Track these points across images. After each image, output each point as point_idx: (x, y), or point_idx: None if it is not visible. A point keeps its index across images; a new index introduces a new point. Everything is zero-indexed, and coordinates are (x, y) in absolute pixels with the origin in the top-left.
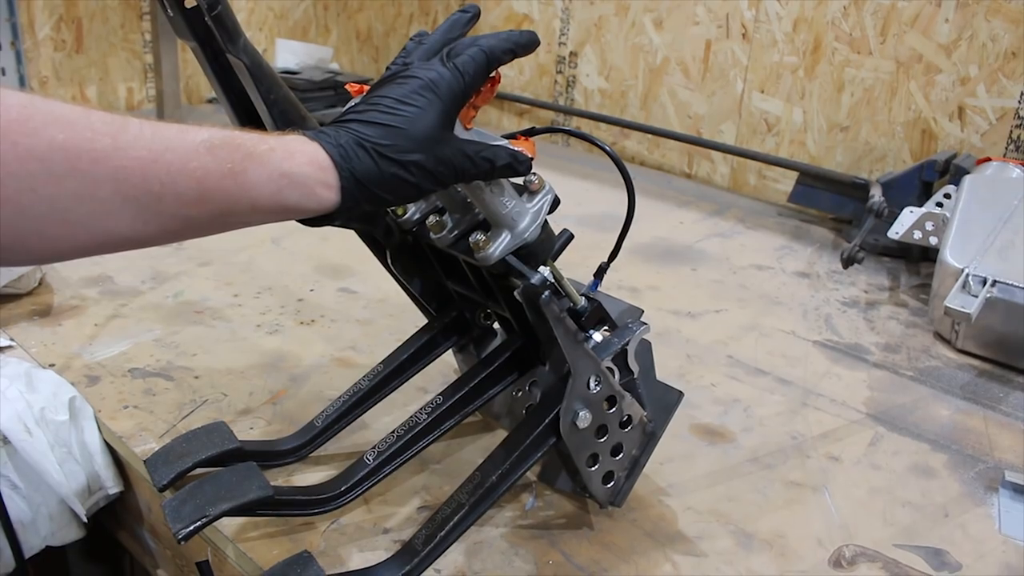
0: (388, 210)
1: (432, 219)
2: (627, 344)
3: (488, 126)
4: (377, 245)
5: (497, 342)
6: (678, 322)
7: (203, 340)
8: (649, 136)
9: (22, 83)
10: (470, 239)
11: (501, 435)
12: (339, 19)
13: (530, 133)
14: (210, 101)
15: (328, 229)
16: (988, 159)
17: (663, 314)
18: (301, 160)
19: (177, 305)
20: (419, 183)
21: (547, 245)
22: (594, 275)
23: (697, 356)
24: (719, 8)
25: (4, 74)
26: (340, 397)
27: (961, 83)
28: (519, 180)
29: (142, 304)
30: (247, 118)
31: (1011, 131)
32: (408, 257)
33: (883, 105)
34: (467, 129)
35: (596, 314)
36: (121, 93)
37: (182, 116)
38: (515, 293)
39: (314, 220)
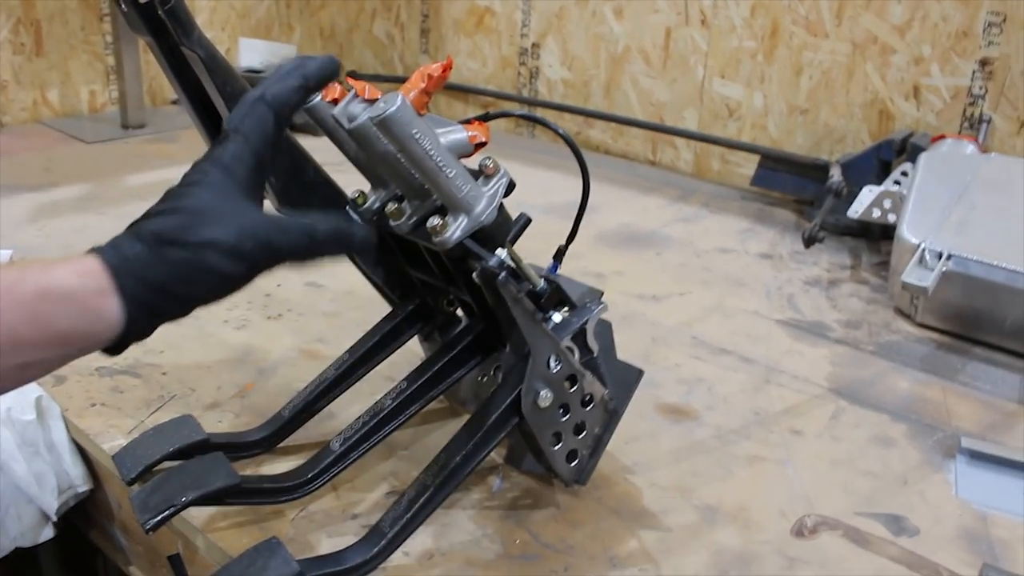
0: (349, 198)
1: (391, 206)
2: (586, 323)
3: (454, 119)
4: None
5: (460, 328)
6: (643, 305)
7: (170, 337)
8: (613, 124)
9: None
10: (428, 224)
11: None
12: (302, 17)
13: (485, 118)
14: (174, 102)
15: None
16: (943, 136)
17: (628, 298)
18: (62, 272)
19: None
20: (219, 267)
21: (504, 228)
22: (553, 258)
23: (662, 338)
24: None
25: None
26: (306, 387)
27: (915, 63)
28: (474, 165)
29: None
30: (205, 113)
31: (964, 109)
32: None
33: (841, 87)
34: (421, 115)
35: (555, 295)
36: (83, 96)
37: (145, 118)
38: (473, 275)
39: (118, 344)
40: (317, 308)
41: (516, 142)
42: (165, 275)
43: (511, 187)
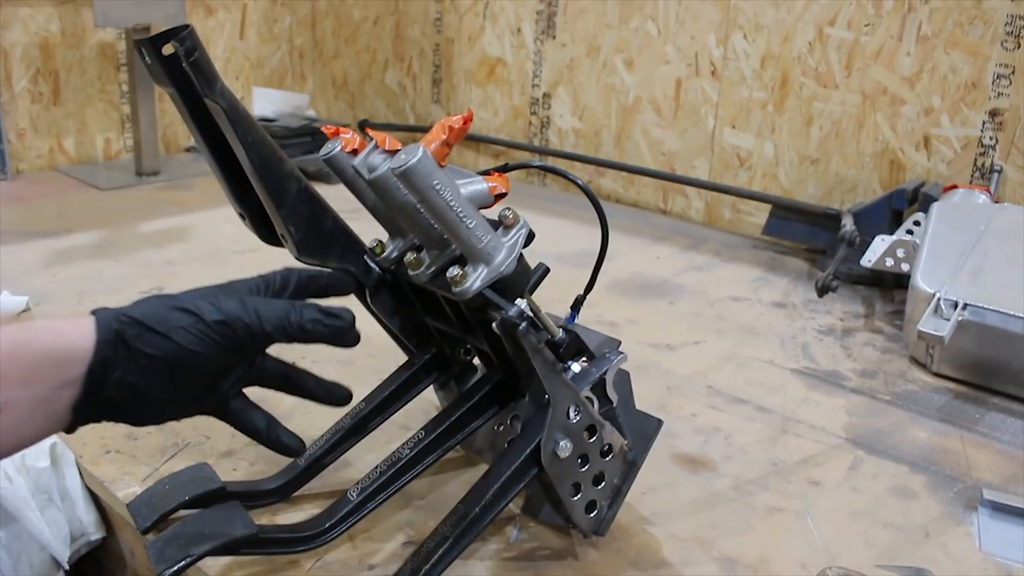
0: (367, 248)
1: (410, 256)
2: (605, 373)
3: (465, 168)
4: (356, 284)
5: (478, 377)
6: (657, 354)
7: None
8: (624, 174)
9: None
10: (447, 274)
11: (484, 470)
12: (315, 67)
13: (504, 169)
14: (188, 150)
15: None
16: (954, 186)
17: (642, 347)
18: (51, 320)
19: None
20: (196, 311)
21: (523, 278)
22: (571, 308)
23: (677, 387)
24: (688, 47)
25: None
26: (322, 436)
27: (925, 114)
28: (494, 215)
29: None
30: (225, 163)
31: (975, 159)
32: (387, 295)
33: (851, 137)
34: (441, 166)
35: (574, 345)
36: (99, 144)
37: (160, 165)
38: (493, 326)
39: (92, 378)
40: (332, 355)
41: (528, 190)
42: (143, 311)
43: (531, 237)
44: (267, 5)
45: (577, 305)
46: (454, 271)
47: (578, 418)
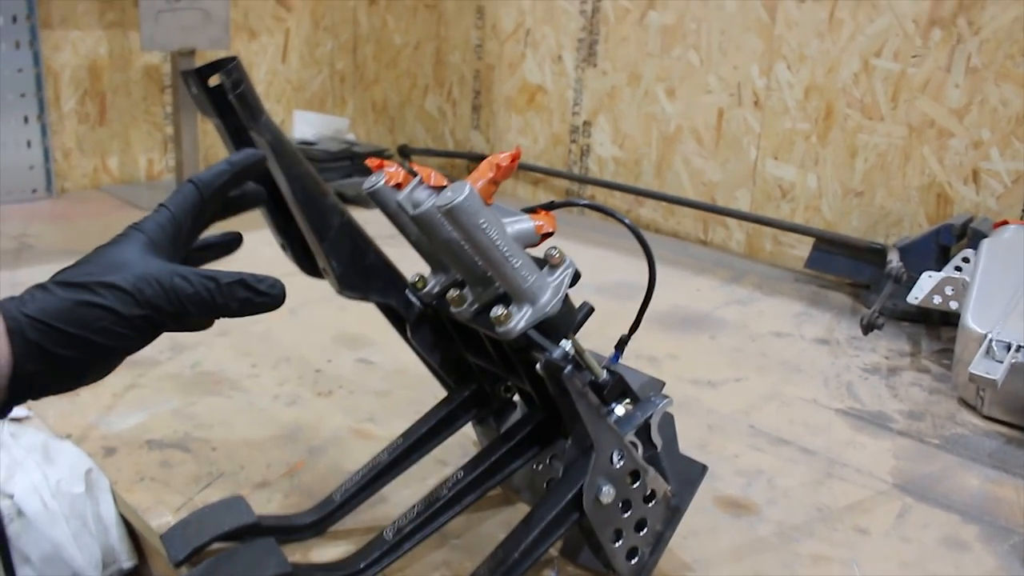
0: (408, 282)
1: (452, 292)
2: (650, 418)
3: (503, 195)
4: (396, 317)
5: (517, 415)
6: (698, 391)
7: (221, 411)
8: (664, 203)
9: (46, 155)
10: (491, 313)
11: (522, 509)
12: (355, 91)
13: (550, 207)
14: None
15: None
16: (1005, 222)
17: (683, 383)
18: None
19: (195, 375)
20: (115, 306)
21: (568, 318)
22: (615, 347)
23: (718, 426)
24: (730, 76)
25: (29, 146)
26: (359, 471)
27: (974, 147)
28: (539, 254)
29: (160, 374)
30: (268, 194)
31: None
32: (428, 329)
33: (897, 170)
34: (487, 204)
35: (618, 387)
36: (142, 164)
37: None
38: (537, 367)
39: (13, 390)
40: (368, 386)
41: (566, 219)
42: (55, 309)
43: (576, 277)
44: (309, 30)
45: (621, 345)
46: (498, 311)
47: (621, 463)
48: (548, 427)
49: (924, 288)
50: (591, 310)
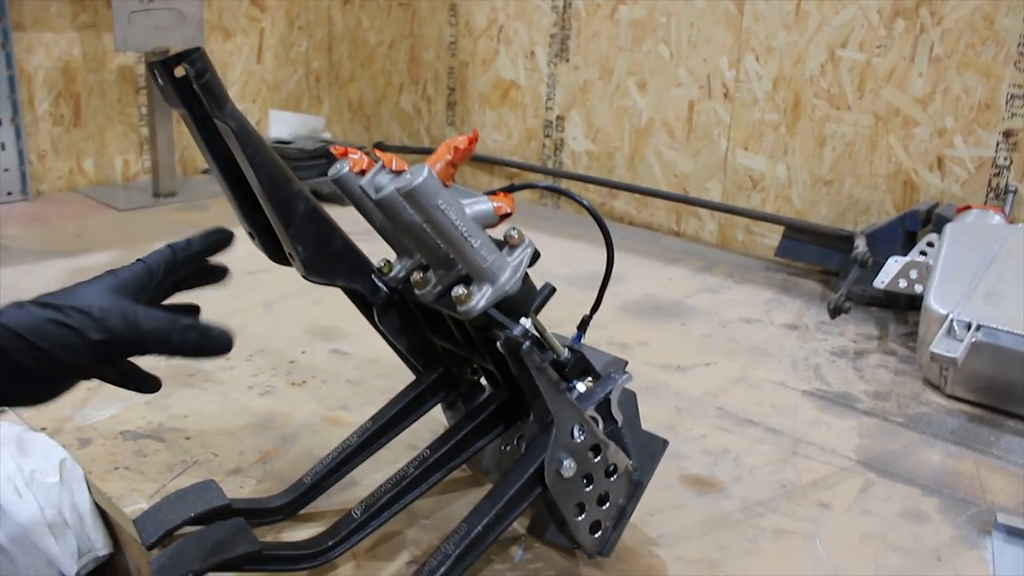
0: (374, 267)
1: (416, 275)
2: (610, 393)
3: (479, 191)
4: (364, 303)
5: (484, 397)
6: (667, 376)
7: (195, 402)
8: (637, 196)
9: (21, 158)
10: (452, 293)
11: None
12: (331, 90)
13: (510, 189)
14: (204, 171)
15: (320, 291)
16: (968, 207)
17: (652, 368)
18: None
19: (170, 368)
20: (81, 327)
21: (528, 298)
22: (577, 328)
23: (687, 408)
24: (700, 69)
25: (4, 149)
26: (329, 454)
27: (938, 135)
28: (499, 235)
29: None
30: (235, 183)
31: (990, 179)
32: (395, 314)
33: (864, 158)
34: (447, 186)
35: (579, 365)
36: (117, 165)
37: (177, 186)
38: (497, 344)
39: None
40: (341, 375)
41: (541, 212)
42: (26, 323)
43: (536, 257)
44: (284, 29)
45: (583, 325)
46: (459, 290)
47: (583, 438)
48: (512, 406)
49: (890, 272)
50: (552, 290)
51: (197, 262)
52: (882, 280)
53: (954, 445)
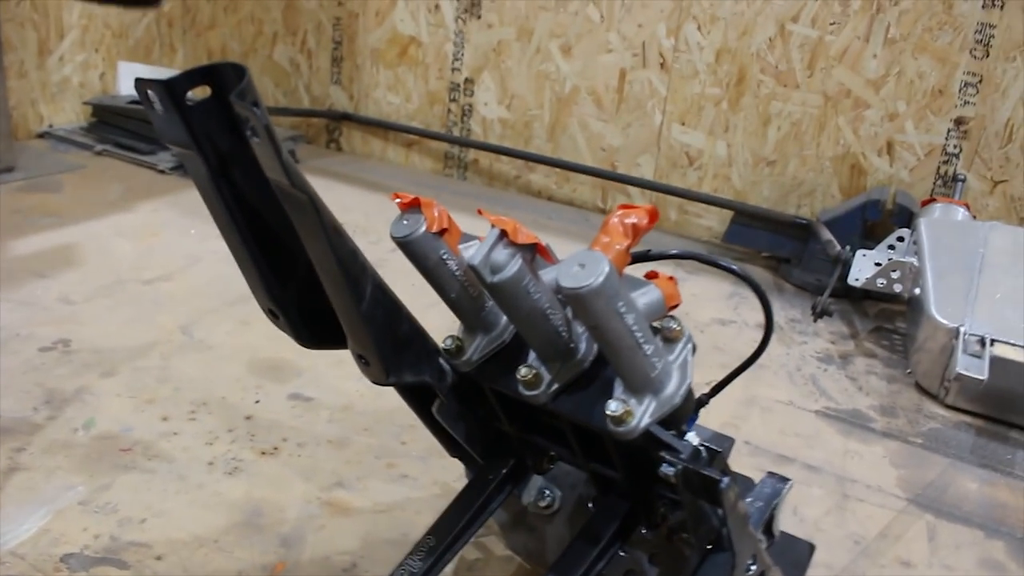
0: (443, 349)
1: (524, 371)
2: (775, 508)
3: (371, 159)
4: (415, 395)
5: (539, 482)
6: None
7: (146, 495)
8: (557, 170)
9: None
10: (608, 411)
11: None
12: (186, 37)
13: (645, 259)
14: (41, 136)
15: (246, 308)
16: (932, 200)
17: None
18: None
19: (93, 441)
20: None
21: (688, 405)
22: (693, 410)
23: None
24: (634, 36)
25: None
26: None
27: (890, 119)
28: (656, 323)
29: (45, 444)
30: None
31: (939, 167)
32: (454, 400)
33: (811, 139)
34: (619, 276)
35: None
36: None
37: (13, 158)
38: (666, 473)
39: None
40: (316, 433)
41: (447, 184)
42: None
43: (693, 351)
44: None
45: (699, 407)
46: (616, 408)
47: (753, 568)
48: (633, 518)
49: (864, 269)
50: (705, 401)
51: None
52: (857, 278)
53: (980, 468)
